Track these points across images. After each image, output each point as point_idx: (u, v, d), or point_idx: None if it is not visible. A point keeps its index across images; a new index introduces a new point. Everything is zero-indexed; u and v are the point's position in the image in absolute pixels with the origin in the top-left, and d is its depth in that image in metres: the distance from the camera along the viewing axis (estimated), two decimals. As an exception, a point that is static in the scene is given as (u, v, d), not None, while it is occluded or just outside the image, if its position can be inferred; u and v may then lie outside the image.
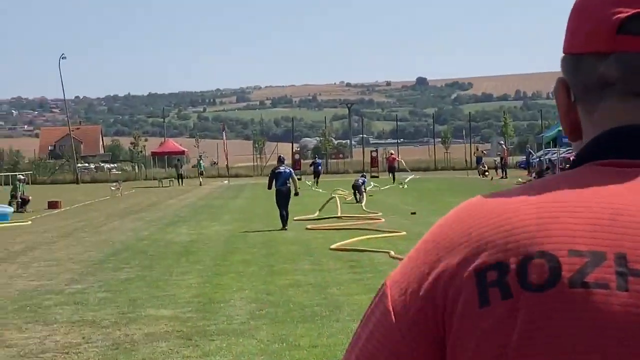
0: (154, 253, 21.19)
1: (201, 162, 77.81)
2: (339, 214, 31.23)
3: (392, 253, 18.71)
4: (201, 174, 72.96)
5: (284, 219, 27.07)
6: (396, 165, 65.76)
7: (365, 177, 42.84)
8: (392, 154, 68.95)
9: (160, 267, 18.49)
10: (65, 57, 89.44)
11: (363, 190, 39.36)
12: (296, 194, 28.12)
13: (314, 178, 62.48)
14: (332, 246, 21.08)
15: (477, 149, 70.31)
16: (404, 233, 23.71)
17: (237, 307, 13.23)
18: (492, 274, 1.18)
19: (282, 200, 27.32)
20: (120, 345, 10.83)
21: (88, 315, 13.00)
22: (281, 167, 27.80)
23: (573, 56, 1.35)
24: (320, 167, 65.61)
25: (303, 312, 12.65)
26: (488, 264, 1.19)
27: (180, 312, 12.99)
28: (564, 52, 1.38)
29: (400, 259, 10.48)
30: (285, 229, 26.42)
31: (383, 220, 28.35)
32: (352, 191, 40.06)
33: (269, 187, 28.09)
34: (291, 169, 28.58)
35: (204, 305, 13.48)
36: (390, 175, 63.34)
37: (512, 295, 1.17)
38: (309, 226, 27.04)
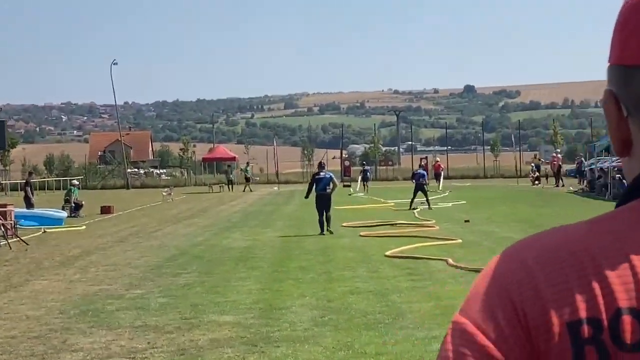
0: (211, 258, 21.25)
1: (248, 168, 77.88)
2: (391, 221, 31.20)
3: (450, 261, 18.60)
4: (247, 180, 72.97)
5: (322, 224, 27.50)
6: (441, 172, 65.47)
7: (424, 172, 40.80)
8: (437, 161, 68.75)
9: (218, 272, 18.53)
10: (116, 63, 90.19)
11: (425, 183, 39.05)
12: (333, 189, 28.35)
13: (363, 184, 62.52)
14: (388, 252, 21.05)
15: (535, 157, 69.79)
16: (460, 241, 23.59)
17: (298, 314, 13.20)
18: (587, 330, 1.13)
19: (324, 204, 27.71)
20: (186, 351, 10.84)
21: (151, 320, 13.03)
22: (321, 173, 28.18)
23: (624, 68, 1.27)
24: (369, 174, 65.58)
25: (365, 319, 12.60)
26: (580, 318, 1.14)
27: (242, 318, 12.98)
28: (612, 62, 1.30)
29: (459, 267, 10.41)
30: (323, 234, 26.96)
31: (437, 227, 28.22)
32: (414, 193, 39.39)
33: (307, 195, 28.41)
34: (332, 174, 28.76)
35: (266, 312, 13.47)
36: (437, 182, 63.13)
37: (609, 356, 1.12)
38: (362, 233, 26.99)
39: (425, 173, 40.92)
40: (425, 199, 38.70)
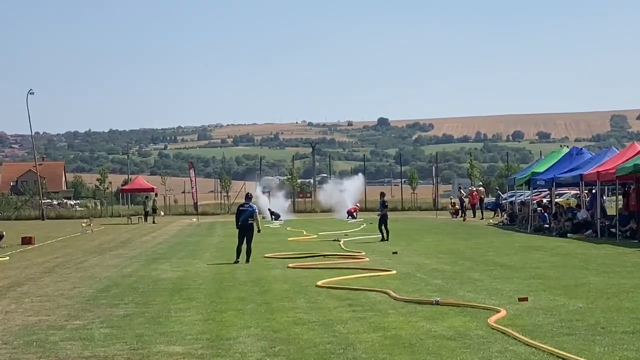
0: (145, 290, 21.07)
1: (155, 199, 77.08)
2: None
3: (392, 293, 18.68)
4: (154, 211, 72.22)
5: (239, 252, 28.11)
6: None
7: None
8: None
9: (155, 303, 18.38)
10: (33, 93, 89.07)
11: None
12: (258, 231, 28.92)
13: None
14: (319, 283, 21.15)
15: (460, 191, 70.79)
16: (395, 272, 23.75)
17: (247, 344, 13.16)
18: None
19: (246, 234, 28.33)
20: (143, 381, 10.75)
21: (99, 350, 12.88)
22: (246, 205, 28.56)
23: None
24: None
25: (316, 349, 12.60)
26: None
27: (191, 348, 12.91)
28: None
29: (403, 300, 10.52)
30: (237, 261, 27.70)
31: (368, 259, 28.35)
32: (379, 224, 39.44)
33: (237, 225, 28.64)
34: (255, 207, 29.01)
35: (214, 342, 13.40)
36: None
37: None
38: (290, 265, 26.96)
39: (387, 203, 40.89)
40: (385, 229, 38.73)
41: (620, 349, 11.86)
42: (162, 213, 78.80)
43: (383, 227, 38.78)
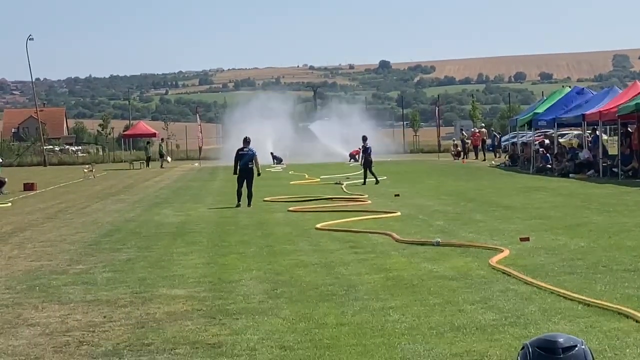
0: (147, 234, 21.10)
1: (161, 144, 77.16)
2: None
3: (394, 235, 18.68)
4: (162, 156, 72.34)
5: (240, 195, 28.17)
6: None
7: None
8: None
9: (157, 247, 18.42)
10: (32, 39, 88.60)
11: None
12: (258, 174, 28.89)
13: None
14: (320, 225, 21.18)
15: (462, 133, 70.76)
16: (399, 213, 23.76)
17: (250, 287, 13.20)
18: None
19: (246, 179, 28.32)
20: (146, 324, 10.78)
21: (101, 295, 12.93)
22: (245, 149, 28.50)
23: None
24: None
25: (318, 291, 12.64)
26: None
27: (194, 291, 12.95)
28: None
29: (405, 242, 10.58)
30: (239, 205, 27.77)
31: (370, 202, 28.37)
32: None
33: (235, 170, 28.56)
34: (254, 150, 28.96)
35: (216, 285, 13.43)
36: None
37: None
38: (290, 208, 26.92)
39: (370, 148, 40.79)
40: (370, 172, 38.64)
41: (621, 287, 11.89)
42: (170, 159, 78.77)
43: (369, 171, 38.59)
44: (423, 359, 8.63)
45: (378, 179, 38.26)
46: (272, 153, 69.39)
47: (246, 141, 29.36)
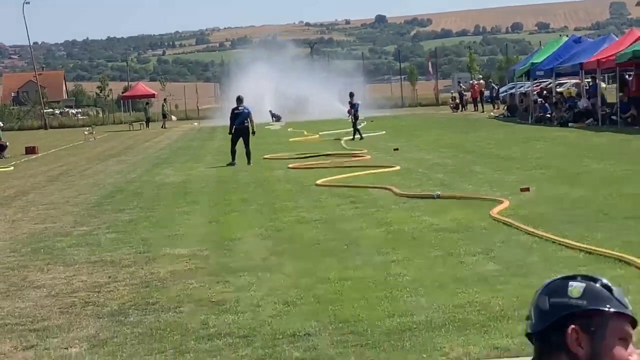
0: (149, 194, 21.18)
1: (164, 104, 77.05)
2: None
3: (394, 189, 18.72)
4: (164, 116, 72.29)
5: (234, 153, 28.18)
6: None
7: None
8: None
9: (160, 207, 18.50)
10: (29, 2, 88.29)
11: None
12: (253, 132, 28.79)
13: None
14: (320, 181, 21.22)
15: (460, 85, 70.66)
16: (398, 167, 23.79)
17: (252, 244, 13.28)
18: None
19: (242, 138, 28.34)
20: (150, 283, 10.88)
21: (106, 255, 13.01)
22: (240, 107, 28.45)
23: None
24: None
25: (320, 246, 12.72)
26: None
27: (196, 250, 13.02)
28: None
29: (405, 195, 10.62)
30: (234, 164, 27.84)
31: (369, 157, 28.40)
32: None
33: (230, 130, 28.55)
34: (249, 109, 28.91)
35: (218, 244, 13.51)
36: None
37: None
38: (290, 165, 26.93)
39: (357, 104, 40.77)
40: (355, 129, 38.73)
41: (622, 234, 11.95)
42: (175, 117, 78.70)
43: (353, 127, 38.66)
44: (426, 311, 8.70)
45: (362, 135, 38.22)
46: (270, 111, 69.23)
47: (239, 100, 29.31)
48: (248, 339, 8.14)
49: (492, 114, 57.57)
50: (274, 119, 67.81)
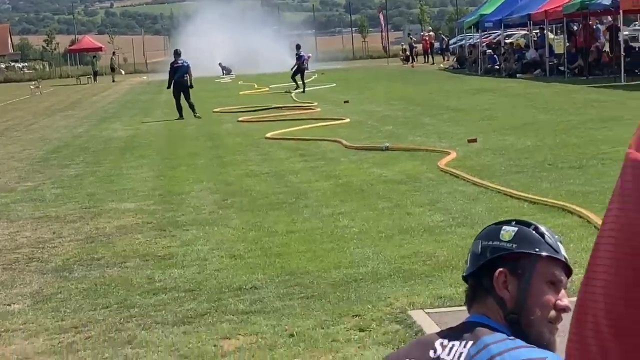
0: (96, 149, 21.00)
1: (113, 58, 76.31)
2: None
3: (344, 142, 18.69)
4: (113, 69, 71.61)
5: (180, 109, 27.98)
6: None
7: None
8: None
9: (107, 162, 18.35)
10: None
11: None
12: (191, 86, 28.64)
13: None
14: (270, 134, 21.16)
15: (410, 38, 70.63)
16: (348, 120, 23.76)
17: (200, 198, 13.22)
18: None
19: (182, 91, 28.14)
20: (95, 239, 10.79)
21: (50, 211, 12.88)
22: (179, 61, 28.35)
23: None
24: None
25: (268, 199, 12.68)
26: None
27: (143, 204, 12.93)
28: None
29: (354, 148, 10.59)
30: (182, 119, 27.67)
31: (319, 109, 28.34)
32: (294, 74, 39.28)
33: (169, 84, 28.43)
34: (188, 62, 28.79)
35: (166, 198, 13.43)
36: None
37: None
38: (240, 118, 26.81)
39: (305, 56, 40.74)
40: (302, 82, 38.65)
41: (566, 184, 12.03)
42: (123, 71, 78.01)
43: (299, 77, 38.58)
44: (372, 262, 8.72)
45: (305, 89, 38.10)
46: (220, 64, 68.79)
47: (177, 53, 29.29)
48: (194, 293, 8.11)
49: (441, 65, 57.67)
50: (224, 72, 67.40)
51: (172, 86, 28.37)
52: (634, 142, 1.31)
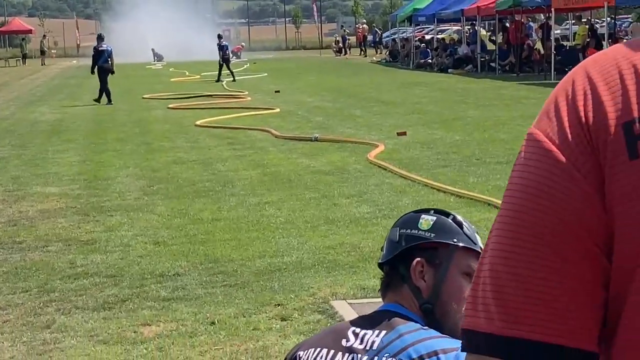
0: (22, 132, 20.70)
1: (43, 41, 75.39)
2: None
3: (273, 131, 18.63)
4: (43, 52, 70.73)
5: (109, 93, 27.90)
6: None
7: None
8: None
9: (33, 145, 18.10)
10: None
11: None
12: (112, 72, 28.50)
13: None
14: (199, 122, 21.02)
15: (344, 30, 70.87)
16: (278, 110, 23.71)
17: (125, 184, 13.09)
18: (638, 127, 1.22)
19: (104, 75, 28.02)
20: (18, 222, 10.63)
21: (-28, 194, 12.67)
22: (103, 45, 28.22)
23: None
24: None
25: (195, 187, 12.60)
26: (634, 118, 1.21)
27: (68, 189, 12.77)
28: None
29: (283, 137, 10.59)
30: (111, 103, 27.47)
31: (250, 98, 28.24)
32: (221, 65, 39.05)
33: (92, 69, 28.30)
34: (111, 48, 28.67)
35: (91, 183, 13.28)
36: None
37: None
38: (170, 105, 26.60)
39: (228, 45, 40.67)
40: (229, 71, 38.39)
41: (493, 179, 12.11)
42: (54, 53, 77.02)
43: (227, 67, 38.41)
44: (296, 251, 8.70)
45: (220, 79, 37.81)
46: (153, 49, 68.25)
47: (101, 38, 29.28)
48: (116, 279, 8.02)
49: (374, 58, 57.82)
50: (155, 58, 66.90)
51: (96, 71, 28.15)
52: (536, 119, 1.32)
